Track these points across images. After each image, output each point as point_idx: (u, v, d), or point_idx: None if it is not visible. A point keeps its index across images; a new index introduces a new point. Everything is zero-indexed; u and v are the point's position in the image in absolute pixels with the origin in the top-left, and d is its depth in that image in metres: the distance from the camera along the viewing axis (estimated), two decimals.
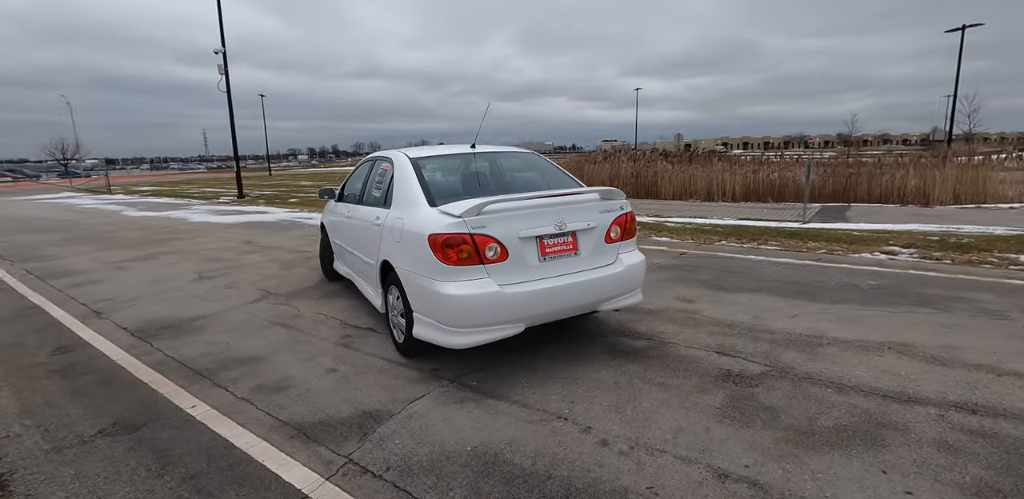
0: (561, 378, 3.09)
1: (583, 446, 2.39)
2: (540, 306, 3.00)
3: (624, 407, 2.72)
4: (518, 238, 2.93)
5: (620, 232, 3.34)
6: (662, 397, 2.81)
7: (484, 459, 2.32)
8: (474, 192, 3.44)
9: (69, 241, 9.30)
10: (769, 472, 2.15)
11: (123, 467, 2.38)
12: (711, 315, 4.08)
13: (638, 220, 10.40)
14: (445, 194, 3.24)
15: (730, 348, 3.42)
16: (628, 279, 3.33)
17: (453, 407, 2.79)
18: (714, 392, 2.84)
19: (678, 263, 5.95)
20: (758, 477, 2.12)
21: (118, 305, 5.01)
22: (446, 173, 3.75)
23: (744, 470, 2.17)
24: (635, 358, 3.33)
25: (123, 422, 2.79)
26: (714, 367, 3.15)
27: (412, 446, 2.44)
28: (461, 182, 3.66)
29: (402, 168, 3.52)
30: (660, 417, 2.61)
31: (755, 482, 2.09)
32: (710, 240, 7.39)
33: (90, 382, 3.32)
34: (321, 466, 2.32)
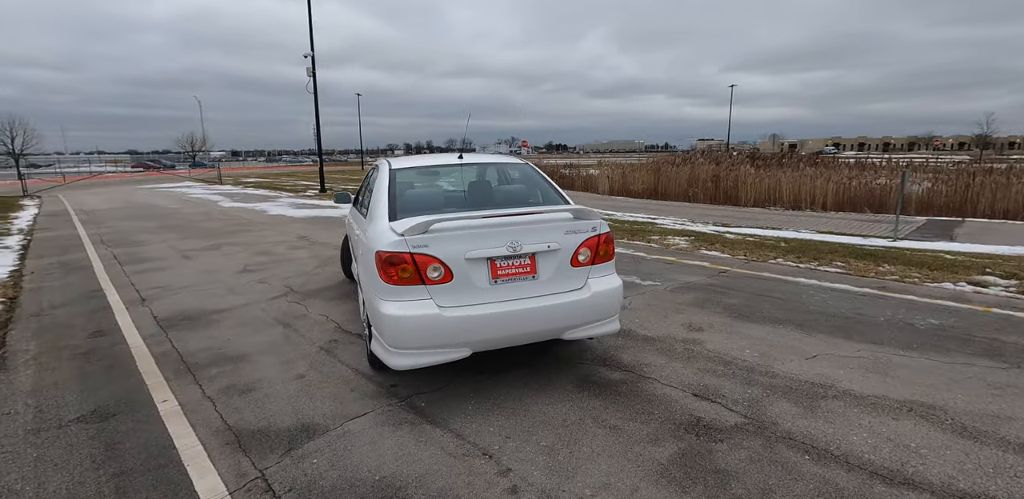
0: (510, 408, 2.91)
1: (490, 491, 2.22)
2: (488, 331, 2.83)
3: (559, 450, 2.50)
4: (464, 259, 2.78)
5: (591, 255, 3.07)
6: (606, 443, 2.54)
7: (384, 492, 2.23)
8: (446, 206, 3.34)
9: (161, 229, 10.47)
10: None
11: (75, 455, 2.58)
12: (713, 348, 3.66)
13: (697, 229, 9.78)
14: (412, 208, 3.17)
15: (713, 391, 3.03)
16: (596, 306, 3.06)
17: (387, 429, 2.73)
18: (667, 444, 2.52)
19: (711, 283, 5.44)
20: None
21: (164, 294, 5.52)
22: (423, 185, 3.67)
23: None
24: (600, 393, 3.06)
25: (101, 410, 3.03)
26: (683, 412, 2.80)
27: (325, 468, 2.41)
28: (435, 195, 3.57)
29: (380, 178, 3.50)
30: (592, 467, 2.36)
31: None
32: (765, 257, 6.70)
33: (99, 367, 3.66)
34: (233, 478, 2.35)
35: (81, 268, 6.89)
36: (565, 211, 3.06)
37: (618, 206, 15.06)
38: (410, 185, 3.53)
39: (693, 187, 17.83)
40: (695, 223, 10.91)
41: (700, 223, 10.93)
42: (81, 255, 7.80)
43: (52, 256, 7.82)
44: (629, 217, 11.93)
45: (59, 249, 8.42)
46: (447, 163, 3.75)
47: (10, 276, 6.53)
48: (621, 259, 6.70)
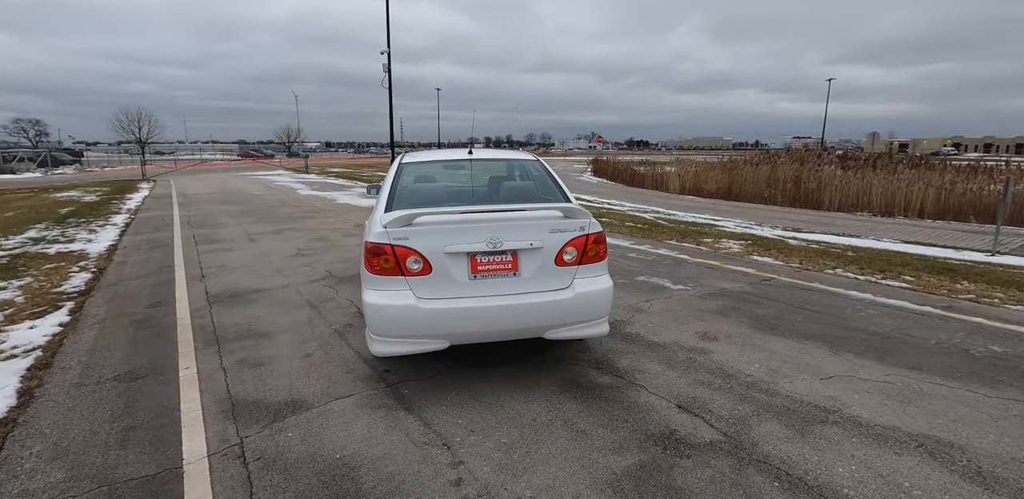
0: (486, 403, 2.93)
1: (435, 481, 2.26)
2: (465, 325, 2.86)
3: (517, 449, 2.49)
4: (444, 253, 2.82)
5: (577, 255, 3.00)
6: (567, 447, 2.50)
7: (339, 471, 2.34)
8: (445, 201, 3.40)
9: (241, 213, 11.47)
10: None
11: (99, 409, 2.94)
12: (720, 360, 3.45)
13: (759, 233, 9.17)
14: (409, 201, 3.26)
15: (700, 404, 2.86)
16: (580, 308, 2.99)
17: (364, 412, 2.85)
18: (629, 454, 2.43)
19: (748, 291, 5.10)
20: None
21: (221, 272, 6.08)
22: (428, 179, 3.75)
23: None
24: (582, 396, 2.99)
25: (134, 372, 3.42)
26: (660, 424, 2.68)
27: (296, 442, 2.57)
28: (435, 189, 3.63)
29: (391, 171, 3.62)
30: (543, 469, 2.33)
31: None
32: (822, 266, 6.17)
33: (147, 334, 4.12)
34: (216, 442, 2.58)
35: (164, 245, 7.73)
36: (553, 209, 3.01)
37: (684, 206, 14.43)
38: (415, 179, 3.63)
39: (771, 188, 16.69)
40: (761, 227, 10.22)
41: (767, 227, 10.23)
42: (168, 234, 8.76)
43: (145, 233, 8.85)
44: (691, 218, 11.42)
45: (152, 228, 9.50)
46: (456, 158, 3.81)
47: (106, 250, 7.48)
48: (660, 262, 6.45)
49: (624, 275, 5.71)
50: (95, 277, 5.94)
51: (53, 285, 5.61)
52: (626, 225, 9.45)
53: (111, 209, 12.44)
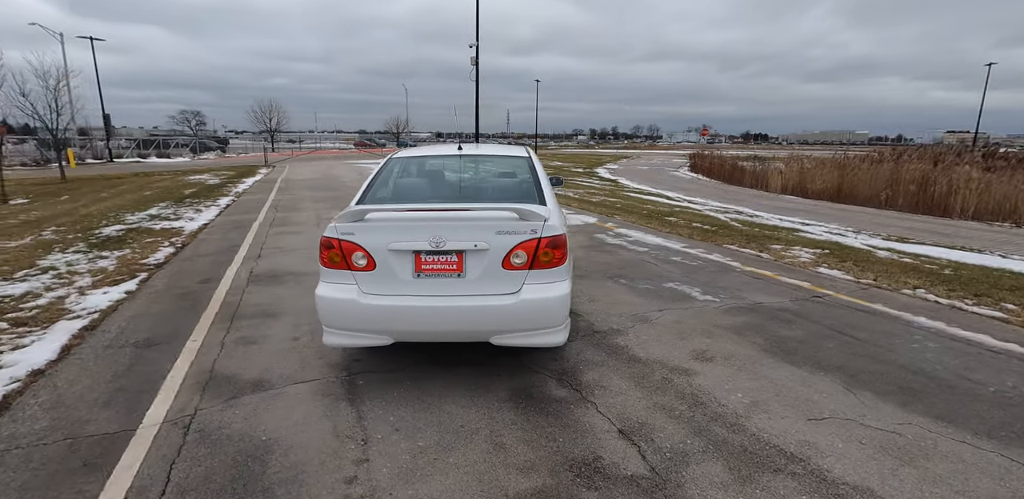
0: (427, 403, 2.90)
1: (331, 476, 2.29)
2: (407, 323, 2.84)
3: (427, 454, 2.44)
4: (388, 250, 2.81)
5: (527, 259, 2.82)
6: (477, 460, 2.40)
7: (255, 453, 2.46)
8: (416, 197, 3.39)
9: (325, 198, 12.41)
10: None
11: (107, 369, 3.36)
12: (700, 385, 3.09)
13: (845, 242, 8.09)
14: (381, 197, 3.30)
15: (644, 432, 2.59)
16: (528, 315, 2.82)
17: (312, 398, 2.96)
18: (536, 477, 2.27)
19: (785, 307, 4.51)
20: None
21: (275, 253, 6.63)
22: (410, 175, 3.73)
23: None
24: (525, 408, 2.85)
25: (152, 340, 3.86)
26: (588, 448, 2.47)
27: (238, 420, 2.74)
28: (411, 185, 3.61)
29: (377, 166, 3.68)
30: (439, 479, 2.26)
31: None
32: (899, 284, 5.28)
33: (183, 307, 4.62)
34: (175, 412, 2.83)
35: (243, 227, 8.61)
36: (506, 210, 2.85)
37: (776, 207, 13.11)
38: (398, 174, 3.66)
39: (890, 190, 14.59)
40: (856, 234, 8.98)
41: (864, 235, 8.97)
42: (253, 216, 9.74)
43: (235, 215, 9.92)
44: (775, 221, 10.34)
45: (244, 210, 10.62)
46: (445, 154, 3.78)
47: (198, 228, 8.50)
48: (703, 268, 5.93)
49: (653, 280, 5.33)
50: (175, 252, 6.78)
51: (141, 257, 6.50)
52: (692, 226, 8.80)
53: (223, 191, 14.12)
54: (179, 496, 2.17)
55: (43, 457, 2.43)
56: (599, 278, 5.44)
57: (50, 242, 7.48)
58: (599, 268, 5.86)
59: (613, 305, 4.56)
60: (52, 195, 13.51)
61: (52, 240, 7.63)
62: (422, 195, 3.46)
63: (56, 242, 7.49)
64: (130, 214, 10.02)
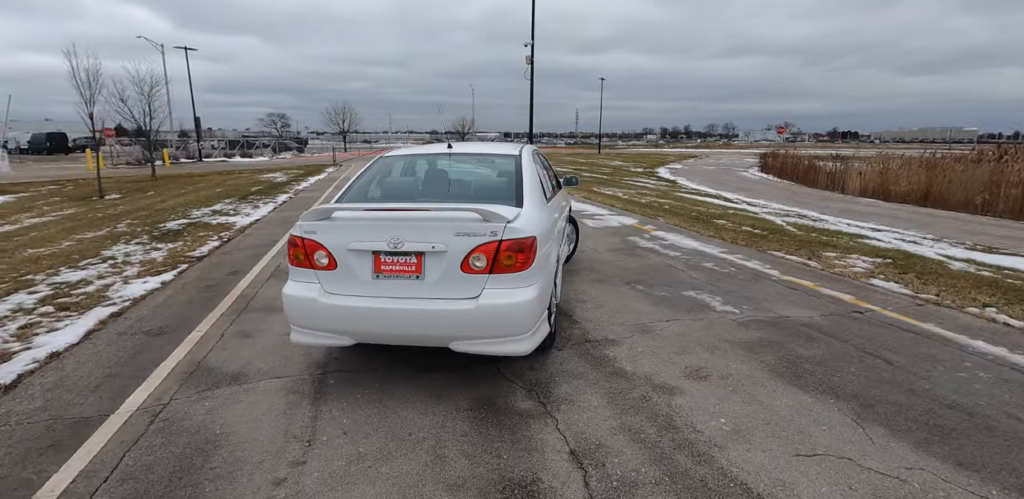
0: (387, 407, 2.83)
1: (263, 476, 2.27)
2: (366, 325, 2.77)
3: (364, 461, 2.36)
4: (347, 250, 2.75)
5: (487, 262, 2.66)
6: (410, 471, 2.29)
7: (204, 446, 2.49)
8: (394, 196, 3.33)
9: None
10: None
11: (117, 354, 3.57)
12: (680, 406, 2.79)
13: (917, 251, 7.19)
14: (360, 195, 3.27)
15: (600, 456, 2.36)
16: (487, 321, 2.67)
17: (278, 395, 2.98)
18: (461, 496, 2.12)
19: (813, 323, 4.03)
20: None
21: None
22: (393, 174, 3.67)
23: None
24: (482, 419, 2.70)
25: (163, 328, 4.08)
26: (530, 470, 2.29)
27: (202, 411, 2.80)
28: (393, 184, 3.54)
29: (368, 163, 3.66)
30: (364, 489, 2.18)
31: None
32: (967, 301, 4.58)
33: (204, 298, 4.87)
34: (151, 400, 2.95)
35: (289, 222, 9.01)
36: (466, 211, 2.71)
37: (847, 210, 11.98)
38: (383, 173, 3.61)
39: (989, 193, 12.91)
40: (935, 242, 7.97)
41: (944, 243, 7.95)
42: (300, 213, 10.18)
43: (287, 211, 10.43)
44: (842, 225, 9.41)
45: (296, 207, 11.15)
46: (434, 152, 3.70)
47: (248, 224, 9.01)
48: (734, 275, 5.47)
49: (673, 287, 4.98)
50: (219, 246, 7.21)
51: (189, 250, 6.97)
52: (739, 230, 8.19)
53: (285, 189, 14.95)
54: (119, 484, 2.24)
55: (22, 435, 2.60)
56: (616, 283, 5.16)
57: (120, 234, 8.21)
58: (619, 273, 5.56)
59: (618, 313, 4.29)
60: (141, 191, 14.90)
61: (123, 232, 8.37)
62: (401, 194, 3.41)
63: (125, 234, 8.21)
64: (196, 209, 10.82)
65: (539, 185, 3.46)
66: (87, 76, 13.03)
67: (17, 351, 3.67)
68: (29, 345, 3.78)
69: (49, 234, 8.36)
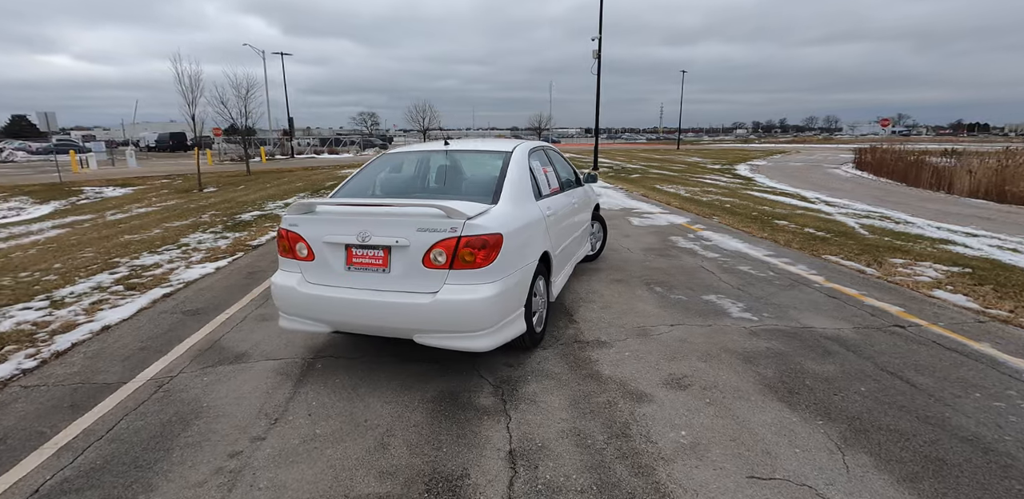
0: (358, 394, 2.95)
1: (223, 447, 2.46)
2: (339, 314, 2.91)
3: (315, 442, 2.49)
4: (323, 242, 2.89)
5: (447, 258, 2.68)
6: (350, 456, 2.38)
7: (187, 417, 2.75)
8: (383, 191, 3.43)
9: None
10: None
11: (150, 332, 4.01)
12: (643, 415, 2.65)
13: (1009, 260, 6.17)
14: (354, 190, 3.40)
15: (536, 458, 2.31)
16: (444, 316, 2.70)
17: (268, 376, 3.21)
18: (387, 484, 2.18)
19: (839, 336, 3.65)
20: None
21: None
22: (388, 170, 3.76)
23: None
24: (439, 412, 2.74)
25: (199, 310, 4.51)
26: (463, 465, 2.29)
27: (198, 386, 3.08)
28: (385, 180, 3.63)
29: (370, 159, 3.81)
30: (303, 469, 2.30)
31: None
32: None
33: (243, 284, 5.31)
34: (163, 372, 3.29)
35: None
36: (429, 207, 2.74)
37: (946, 212, 10.62)
38: (380, 169, 3.73)
39: None
40: None
41: None
42: None
43: None
44: (930, 229, 8.36)
45: None
46: (430, 150, 3.76)
47: None
48: (769, 280, 5.07)
49: (694, 291, 4.71)
50: (274, 237, 7.80)
51: (250, 239, 7.62)
52: (800, 232, 7.55)
53: None
54: (108, 443, 2.53)
55: (52, 395, 3.02)
56: (634, 284, 4.97)
57: (201, 223, 9.15)
58: (643, 273, 5.35)
59: (623, 315, 4.14)
60: (233, 185, 16.45)
61: (204, 222, 9.32)
62: (390, 189, 3.52)
63: (205, 223, 9.13)
64: (272, 202, 11.78)
65: (526, 182, 3.42)
66: (189, 81, 14.58)
67: (80, 323, 4.24)
68: (92, 319, 4.35)
69: (146, 222, 9.50)
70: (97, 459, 2.40)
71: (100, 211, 11.91)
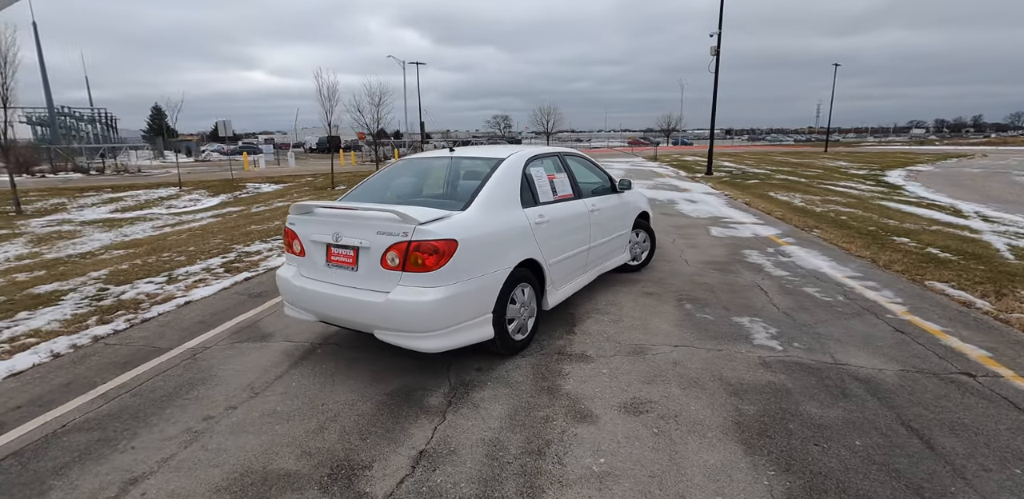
0: (332, 382, 3.22)
1: (205, 411, 2.87)
2: (319, 305, 3.19)
3: (271, 418, 2.79)
4: (310, 240, 3.19)
5: (400, 260, 2.80)
6: (288, 434, 2.63)
7: (196, 382, 3.24)
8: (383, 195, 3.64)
9: None
10: None
11: (216, 308, 4.74)
12: (573, 435, 2.51)
13: None
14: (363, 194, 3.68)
15: (438, 461, 2.33)
16: (393, 315, 2.83)
17: (276, 355, 3.62)
18: (302, 463, 2.38)
19: (872, 378, 3.06)
20: None
21: None
22: (396, 175, 3.97)
23: None
24: (385, 405, 2.89)
25: (263, 294, 5.20)
26: (374, 457, 2.40)
27: (219, 359, 3.60)
28: (390, 184, 3.82)
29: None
30: (248, 440, 2.60)
31: None
32: None
33: None
34: (201, 344, 3.88)
35: None
36: (387, 212, 2.89)
37: None
38: (389, 174, 3.97)
39: None
40: None
41: None
42: None
43: None
44: None
45: None
46: (437, 156, 3.91)
47: None
48: (836, 306, 4.41)
49: (728, 311, 4.27)
50: None
51: None
52: (917, 252, 6.35)
53: None
54: (132, 396, 3.10)
55: (117, 353, 3.76)
56: (666, 299, 4.65)
57: None
58: (685, 288, 4.96)
59: (629, 330, 3.92)
60: None
61: None
62: (390, 194, 3.74)
63: None
64: None
65: (510, 190, 3.42)
66: (327, 91, 16.58)
67: (176, 297, 5.15)
68: (186, 295, 5.26)
69: (274, 214, 11.06)
70: (115, 407, 2.96)
71: (249, 204, 14.11)
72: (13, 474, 2.38)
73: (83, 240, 9.24)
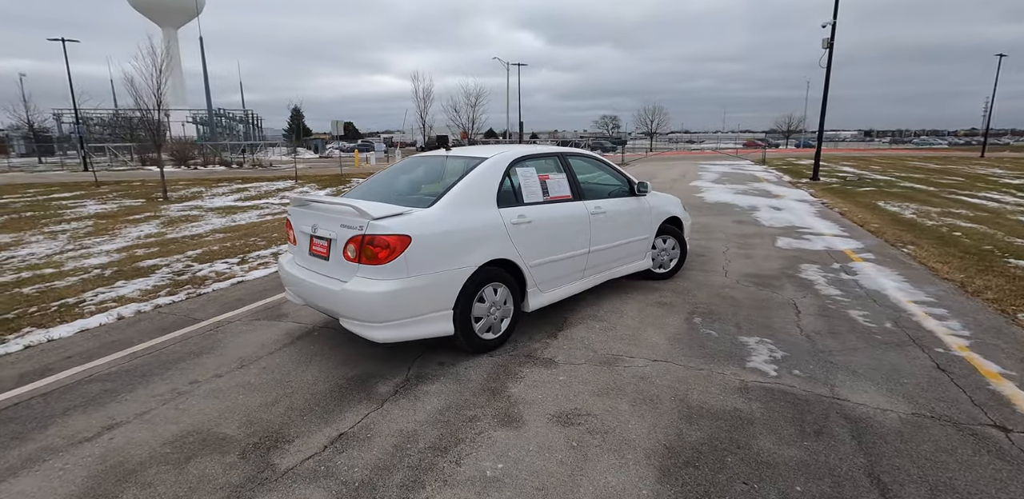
0: (307, 363, 3.48)
1: (196, 375, 3.26)
2: (302, 291, 3.45)
3: (238, 390, 3.09)
4: (299, 231, 3.46)
5: (356, 252, 2.96)
6: (242, 405, 2.90)
7: (205, 349, 3.68)
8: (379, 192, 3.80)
9: None
10: None
11: (256, 291, 5.30)
12: (487, 437, 2.47)
13: None
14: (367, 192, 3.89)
15: (348, 446, 2.43)
16: (347, 304, 2.99)
17: (282, 335, 3.98)
18: (234, 430, 2.61)
19: (868, 418, 2.63)
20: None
21: None
22: (399, 173, 4.10)
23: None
24: (341, 388, 3.07)
25: None
26: (301, 430, 2.57)
27: (235, 332, 4.04)
28: (388, 181, 3.98)
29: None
30: (211, 404, 2.91)
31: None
32: None
33: None
34: (227, 319, 4.38)
35: None
36: (347, 207, 3.07)
37: None
38: (393, 171, 4.13)
39: None
40: None
41: None
42: None
43: None
44: None
45: None
46: (436, 155, 4.01)
47: None
48: (883, 333, 3.84)
49: (739, 329, 3.88)
50: None
51: None
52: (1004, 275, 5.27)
53: None
54: (152, 356, 3.61)
55: (164, 320, 4.36)
56: (677, 310, 4.34)
57: None
58: (705, 300, 4.59)
59: (615, 340, 3.73)
60: None
61: None
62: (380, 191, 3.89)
63: None
64: None
65: (485, 189, 3.42)
66: (423, 93, 17.53)
67: (235, 276, 5.84)
68: (244, 275, 5.94)
69: None
70: (134, 365, 3.48)
71: None
72: (34, 410, 2.91)
73: (200, 224, 10.73)
